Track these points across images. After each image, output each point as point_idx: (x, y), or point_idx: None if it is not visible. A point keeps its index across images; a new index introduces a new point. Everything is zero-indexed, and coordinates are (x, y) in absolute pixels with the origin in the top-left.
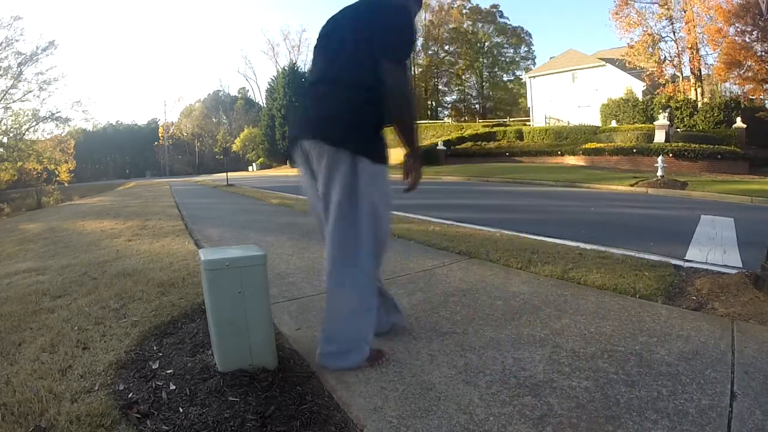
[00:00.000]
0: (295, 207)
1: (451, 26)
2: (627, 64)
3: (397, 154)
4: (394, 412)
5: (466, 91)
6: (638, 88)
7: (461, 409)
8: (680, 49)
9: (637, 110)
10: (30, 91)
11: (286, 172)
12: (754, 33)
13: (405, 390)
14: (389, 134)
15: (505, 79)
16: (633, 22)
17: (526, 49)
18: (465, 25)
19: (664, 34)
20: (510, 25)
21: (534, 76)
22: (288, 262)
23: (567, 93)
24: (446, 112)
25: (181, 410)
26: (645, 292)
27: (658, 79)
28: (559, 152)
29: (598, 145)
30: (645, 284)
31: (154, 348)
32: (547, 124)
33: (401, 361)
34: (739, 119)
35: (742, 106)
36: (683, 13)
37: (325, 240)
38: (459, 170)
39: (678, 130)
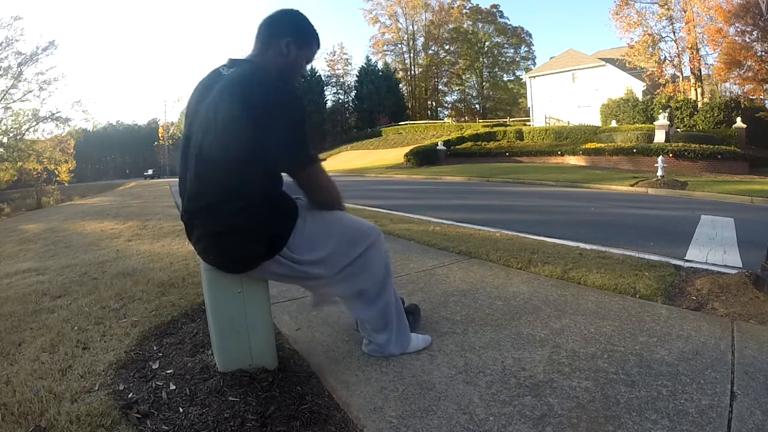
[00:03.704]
0: None
1: (451, 26)
2: (627, 64)
3: (397, 155)
4: (394, 412)
5: (466, 91)
6: (638, 88)
7: (461, 409)
8: (680, 49)
9: (637, 110)
10: (30, 91)
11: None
12: (755, 33)
13: (405, 390)
14: (390, 133)
15: (505, 79)
16: (633, 22)
17: (526, 49)
18: (465, 25)
19: (664, 34)
20: (510, 25)
21: (534, 76)
22: None
23: (567, 93)
24: (446, 112)
25: (181, 410)
26: (645, 292)
27: (658, 79)
28: (559, 152)
29: (599, 145)
30: (645, 284)
31: (154, 348)
32: (547, 124)
33: (401, 361)
34: (739, 119)
35: (742, 106)
36: (683, 13)
37: None
38: (459, 170)
39: (678, 130)
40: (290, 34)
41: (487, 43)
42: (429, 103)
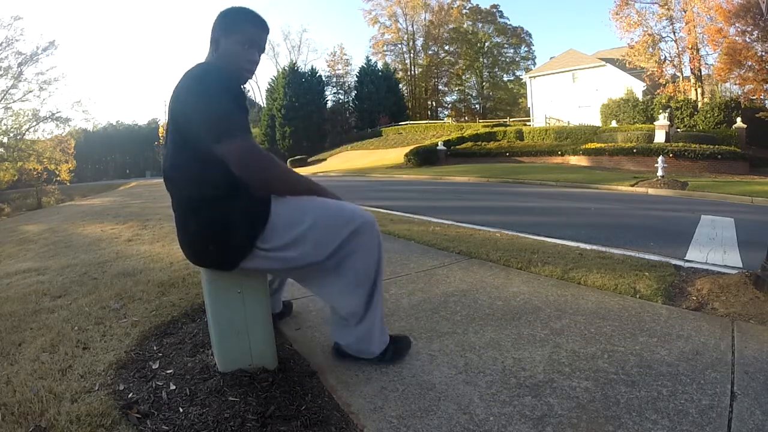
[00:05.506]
0: None
1: (451, 26)
2: (627, 64)
3: (397, 155)
4: (394, 412)
5: (466, 91)
6: (638, 88)
7: (461, 409)
8: (680, 49)
9: (638, 110)
10: (30, 91)
11: None
12: (755, 33)
13: (405, 390)
14: (391, 133)
15: (505, 79)
16: (633, 23)
17: (526, 49)
18: (465, 25)
19: (664, 35)
20: (510, 25)
21: (534, 76)
22: None
23: (567, 93)
24: (446, 112)
25: (181, 410)
26: (645, 292)
27: (659, 79)
28: (559, 152)
29: (599, 145)
30: (645, 284)
31: (154, 348)
32: (548, 125)
33: (401, 361)
34: (739, 119)
35: (743, 106)
36: (683, 13)
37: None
38: (459, 171)
39: (678, 130)
40: (217, 31)
41: (487, 43)
42: (429, 103)
